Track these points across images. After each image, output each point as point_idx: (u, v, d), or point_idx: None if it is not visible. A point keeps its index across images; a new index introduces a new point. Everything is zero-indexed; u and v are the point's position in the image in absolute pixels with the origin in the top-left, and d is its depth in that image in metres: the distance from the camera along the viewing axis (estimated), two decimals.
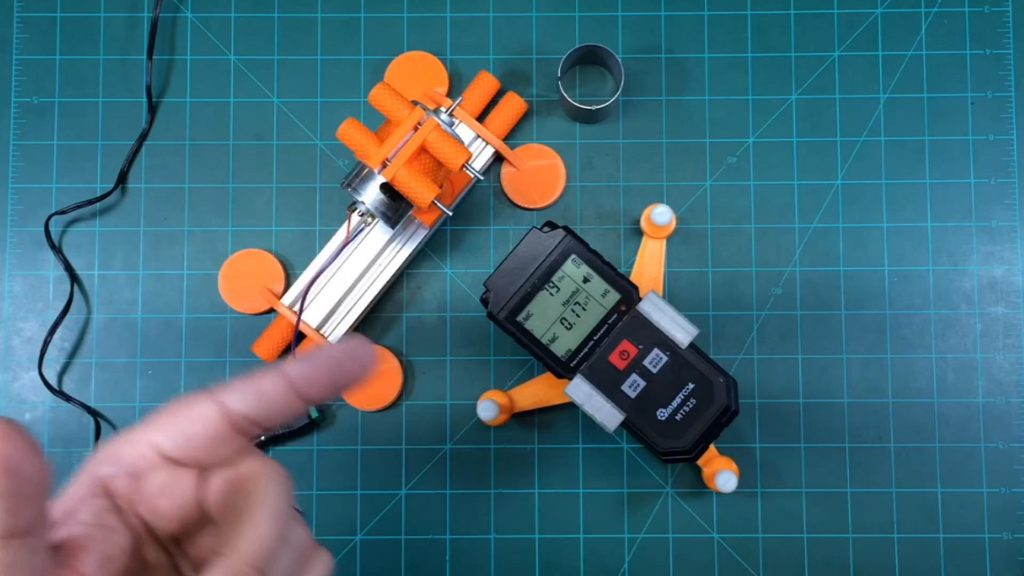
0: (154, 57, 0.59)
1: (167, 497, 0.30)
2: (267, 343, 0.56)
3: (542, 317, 0.49)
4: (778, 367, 0.57)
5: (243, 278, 0.57)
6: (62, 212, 0.58)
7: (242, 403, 0.30)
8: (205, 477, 0.31)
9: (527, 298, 0.49)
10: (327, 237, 0.58)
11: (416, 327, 0.58)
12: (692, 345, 0.49)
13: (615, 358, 0.48)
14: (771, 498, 0.56)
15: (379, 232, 0.56)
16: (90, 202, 0.58)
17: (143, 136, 0.59)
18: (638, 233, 0.58)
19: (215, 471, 0.31)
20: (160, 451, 0.30)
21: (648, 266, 0.55)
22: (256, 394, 0.30)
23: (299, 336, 0.55)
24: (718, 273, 0.58)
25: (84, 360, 0.58)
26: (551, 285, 0.49)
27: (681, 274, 0.58)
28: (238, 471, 0.31)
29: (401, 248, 0.56)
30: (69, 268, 0.58)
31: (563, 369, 0.49)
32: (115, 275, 0.58)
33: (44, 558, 0.26)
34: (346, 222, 0.55)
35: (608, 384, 0.48)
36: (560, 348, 0.49)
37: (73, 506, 0.29)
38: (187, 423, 0.30)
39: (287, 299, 0.56)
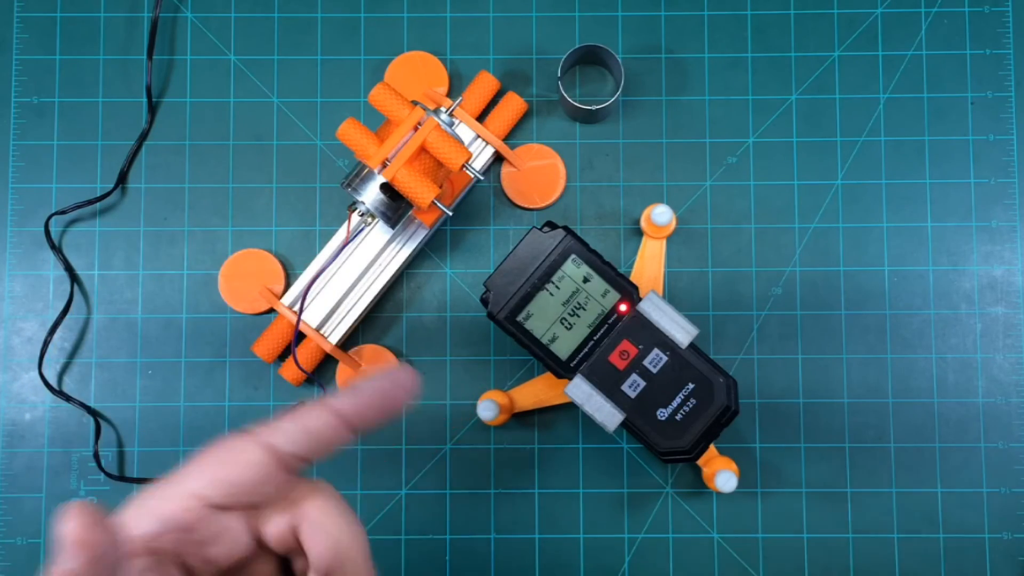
0: (154, 57, 0.59)
1: (218, 545, 0.30)
2: (267, 343, 0.56)
3: (542, 317, 0.49)
4: (778, 367, 0.57)
5: (243, 278, 0.57)
6: (62, 212, 0.58)
7: (290, 443, 0.30)
8: (256, 514, 0.31)
9: (527, 298, 0.49)
10: (327, 237, 0.58)
11: (416, 327, 0.58)
12: (692, 345, 0.49)
13: (615, 358, 0.48)
14: (771, 498, 0.56)
15: (379, 232, 0.56)
16: (90, 202, 0.58)
17: (143, 136, 0.59)
18: (638, 233, 0.58)
19: (266, 507, 0.31)
20: (206, 501, 0.29)
21: (648, 266, 0.55)
22: (303, 432, 0.30)
23: (299, 336, 0.55)
24: (718, 273, 0.58)
25: (84, 360, 0.58)
26: (551, 285, 0.49)
27: (681, 274, 0.58)
28: (292, 501, 0.30)
29: (401, 248, 0.56)
30: (69, 268, 0.58)
31: (563, 369, 0.49)
32: (115, 275, 0.58)
33: None
34: (346, 222, 0.55)
35: (608, 384, 0.48)
36: (560, 348, 0.49)
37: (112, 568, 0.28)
38: (232, 469, 0.29)
39: (287, 299, 0.56)
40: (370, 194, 0.51)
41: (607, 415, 0.48)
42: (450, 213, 0.52)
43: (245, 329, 0.58)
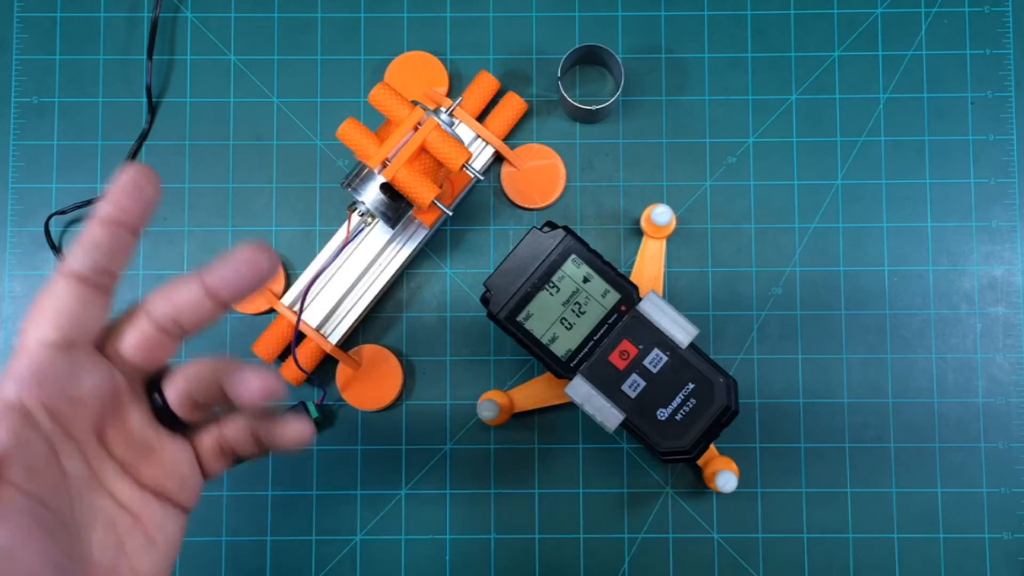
0: (154, 57, 0.59)
1: (80, 382, 0.32)
2: (267, 343, 0.56)
3: (542, 317, 0.49)
4: (778, 367, 0.57)
5: None
6: (62, 212, 0.58)
7: (81, 259, 0.32)
8: (105, 349, 0.33)
9: (527, 298, 0.49)
10: (327, 237, 0.58)
11: (416, 327, 0.58)
12: (692, 345, 0.49)
13: (615, 358, 0.48)
14: (771, 498, 0.56)
15: (379, 232, 0.56)
16: (90, 202, 0.58)
17: (143, 136, 0.59)
18: (638, 233, 0.58)
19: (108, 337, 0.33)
20: (46, 343, 0.31)
21: (648, 266, 0.55)
22: (87, 245, 0.32)
23: (299, 336, 0.55)
24: (718, 273, 0.58)
25: None
26: (551, 285, 0.49)
27: (681, 274, 0.58)
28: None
29: (401, 248, 0.56)
30: None
31: (563, 369, 0.49)
32: None
33: None
34: (346, 222, 0.55)
35: (608, 384, 0.48)
36: (560, 348, 0.49)
37: None
38: (49, 303, 0.32)
39: (287, 299, 0.56)
40: (370, 194, 0.51)
41: (607, 415, 0.48)
42: (450, 213, 0.52)
43: (245, 329, 0.58)
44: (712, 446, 0.53)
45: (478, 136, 0.57)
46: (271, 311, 0.58)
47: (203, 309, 0.33)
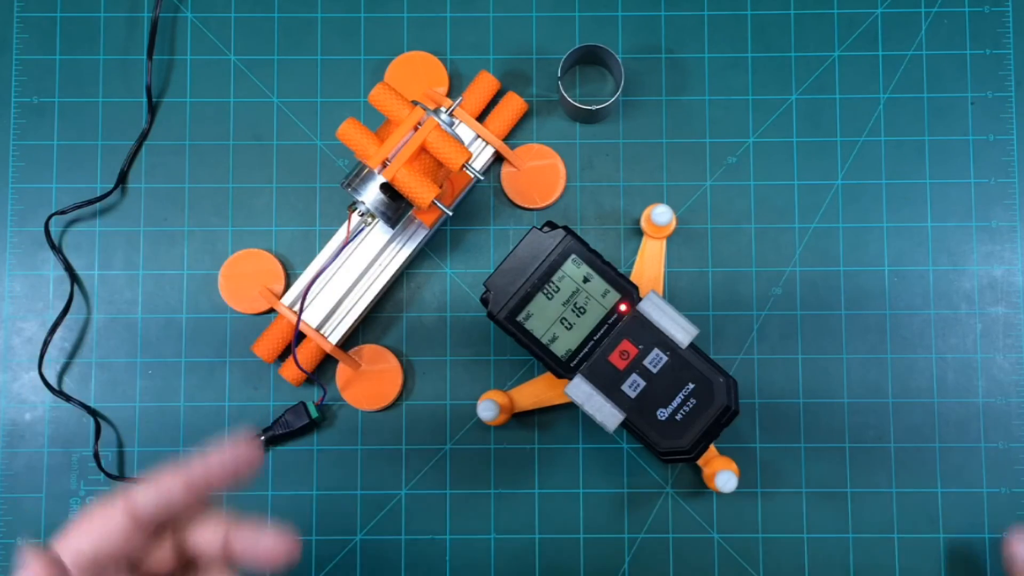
0: (154, 57, 0.59)
1: None
2: (267, 343, 0.56)
3: (542, 317, 0.49)
4: (778, 367, 0.57)
5: (243, 278, 0.57)
6: (62, 212, 0.58)
7: (146, 506, 0.34)
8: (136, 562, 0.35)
9: (527, 298, 0.49)
10: (327, 237, 0.58)
11: (416, 327, 0.58)
12: (692, 345, 0.49)
13: (615, 358, 0.48)
14: (771, 498, 0.56)
15: (379, 232, 0.56)
16: (90, 202, 0.58)
17: (143, 136, 0.59)
18: (638, 233, 0.58)
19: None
20: (77, 556, 0.33)
21: (648, 266, 0.55)
22: (157, 495, 0.34)
23: (299, 336, 0.55)
24: (718, 273, 0.58)
25: (84, 360, 0.58)
26: (551, 285, 0.49)
27: (681, 274, 0.58)
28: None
29: (401, 248, 0.56)
30: (69, 268, 0.58)
31: (563, 369, 0.49)
32: (115, 275, 0.58)
33: None
34: (346, 222, 0.55)
35: (608, 384, 0.48)
36: (560, 348, 0.49)
37: None
38: (98, 523, 0.33)
39: (287, 299, 0.56)
40: (370, 194, 0.51)
41: (607, 415, 0.48)
42: (450, 213, 0.52)
43: (245, 329, 0.58)
44: (712, 446, 0.53)
45: (478, 136, 0.57)
46: (271, 311, 0.58)
47: (220, 558, 0.35)
